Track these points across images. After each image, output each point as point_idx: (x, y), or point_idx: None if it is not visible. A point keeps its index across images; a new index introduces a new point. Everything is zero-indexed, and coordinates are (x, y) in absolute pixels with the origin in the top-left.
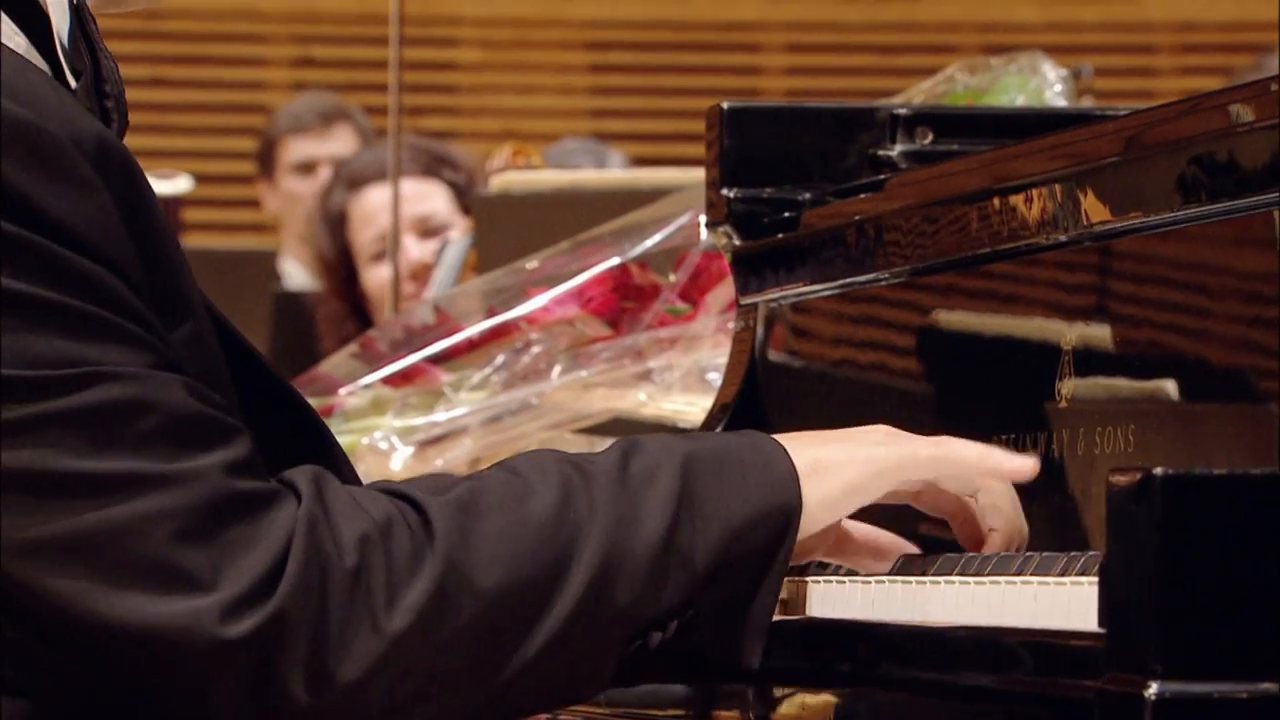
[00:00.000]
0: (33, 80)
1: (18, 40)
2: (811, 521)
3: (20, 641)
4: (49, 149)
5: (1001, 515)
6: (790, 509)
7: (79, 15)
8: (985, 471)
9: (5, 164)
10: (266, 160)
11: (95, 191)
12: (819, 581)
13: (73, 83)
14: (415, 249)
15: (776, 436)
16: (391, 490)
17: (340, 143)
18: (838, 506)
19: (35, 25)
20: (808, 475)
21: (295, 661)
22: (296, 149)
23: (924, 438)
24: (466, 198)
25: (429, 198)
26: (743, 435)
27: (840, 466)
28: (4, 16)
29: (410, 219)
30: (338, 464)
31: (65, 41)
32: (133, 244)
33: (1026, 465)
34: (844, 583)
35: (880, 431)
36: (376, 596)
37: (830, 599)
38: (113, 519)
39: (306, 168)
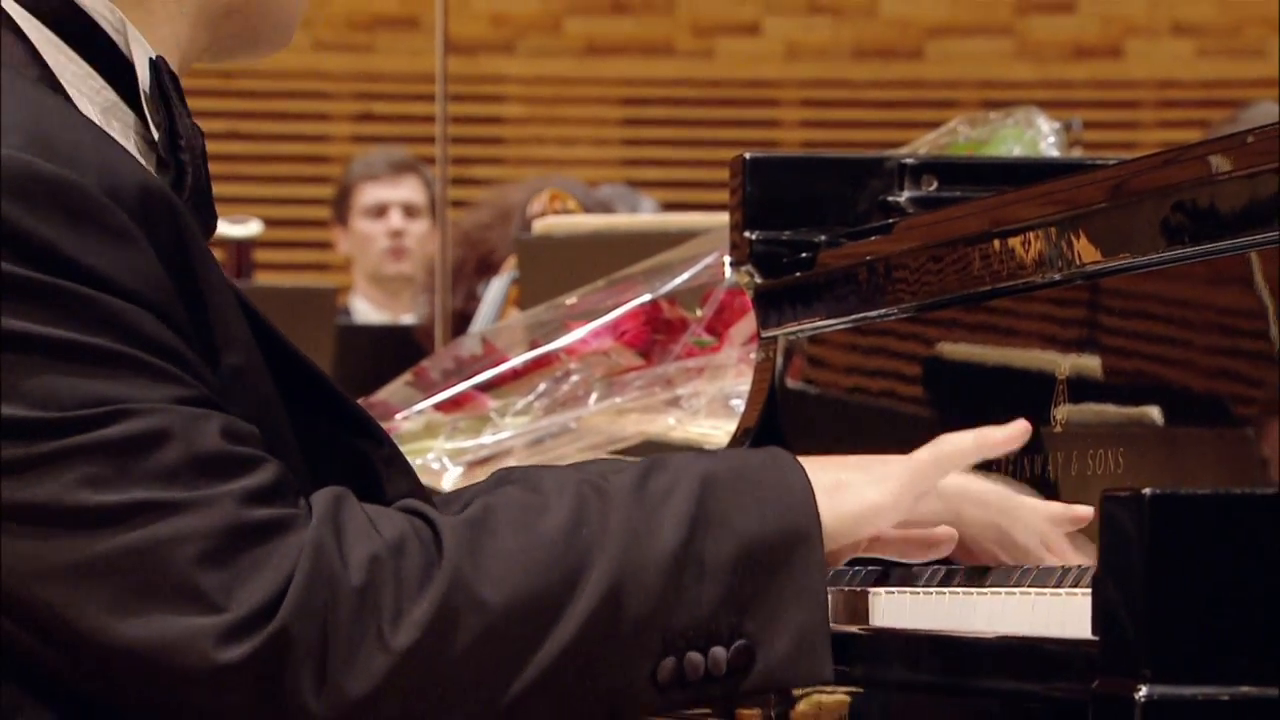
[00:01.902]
0: (77, 136)
1: (106, 94)
2: (831, 538)
3: (46, 661)
4: (80, 201)
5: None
6: (806, 525)
7: (157, 74)
8: (984, 448)
9: (37, 218)
10: (341, 205)
11: (130, 238)
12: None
13: (155, 134)
14: None
15: (802, 459)
16: (409, 508)
17: (407, 190)
18: (858, 525)
19: (123, 80)
20: (828, 493)
21: (304, 677)
22: (370, 193)
23: (925, 452)
24: None
25: None
26: (765, 453)
27: (860, 487)
28: (97, 75)
29: None
30: (396, 470)
31: (148, 93)
32: (174, 285)
33: (1017, 430)
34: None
35: (897, 462)
36: (384, 613)
37: (845, 608)
38: (134, 543)
39: (378, 210)
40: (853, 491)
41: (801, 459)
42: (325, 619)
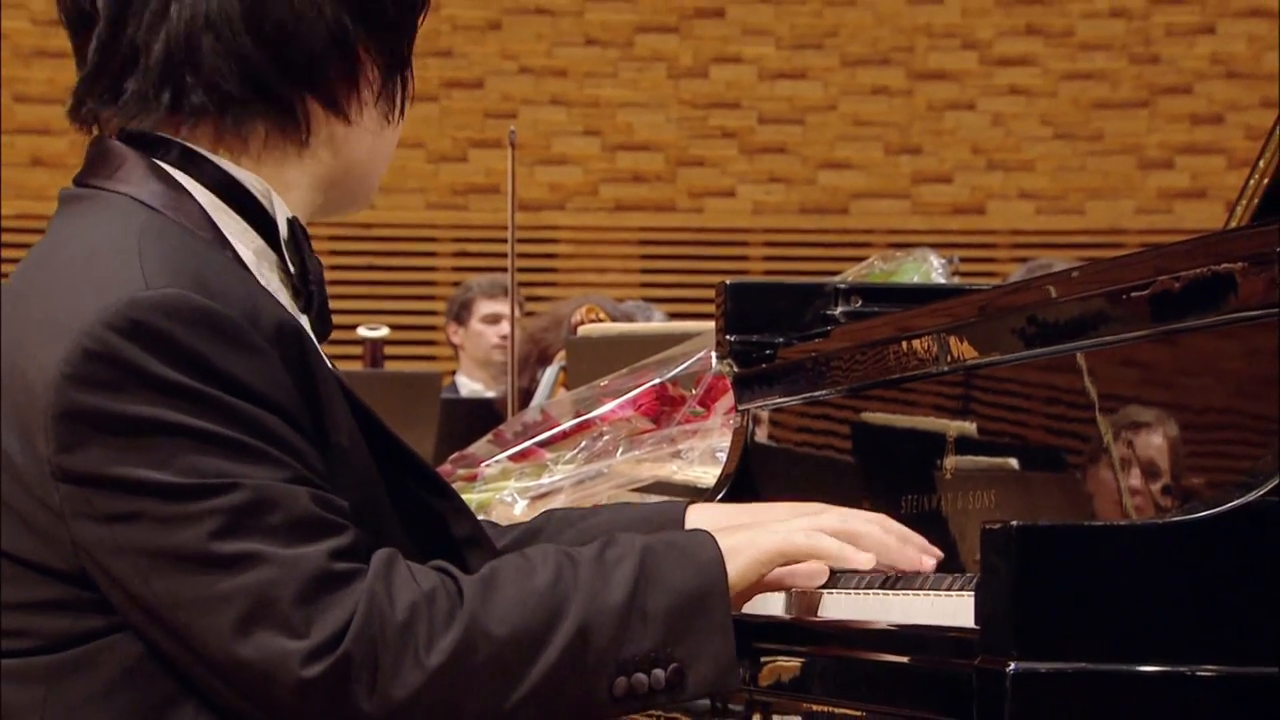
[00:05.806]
0: (229, 282)
1: (257, 242)
2: (733, 587)
3: (189, 669)
4: (226, 326)
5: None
6: (717, 581)
7: (293, 228)
8: (839, 561)
9: (195, 338)
10: (464, 311)
11: (263, 354)
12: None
13: (291, 268)
14: None
15: (711, 526)
16: (440, 568)
17: (500, 304)
18: (747, 576)
19: (268, 231)
20: (730, 556)
21: (361, 687)
22: (488, 307)
23: (806, 526)
24: None
25: None
26: (688, 532)
27: (750, 550)
28: (250, 229)
29: None
30: (462, 517)
31: (286, 241)
32: (296, 391)
33: (866, 561)
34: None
35: (783, 509)
36: (420, 641)
37: (791, 604)
38: (246, 584)
39: (493, 319)
40: (746, 553)
41: (709, 527)
42: (376, 645)
